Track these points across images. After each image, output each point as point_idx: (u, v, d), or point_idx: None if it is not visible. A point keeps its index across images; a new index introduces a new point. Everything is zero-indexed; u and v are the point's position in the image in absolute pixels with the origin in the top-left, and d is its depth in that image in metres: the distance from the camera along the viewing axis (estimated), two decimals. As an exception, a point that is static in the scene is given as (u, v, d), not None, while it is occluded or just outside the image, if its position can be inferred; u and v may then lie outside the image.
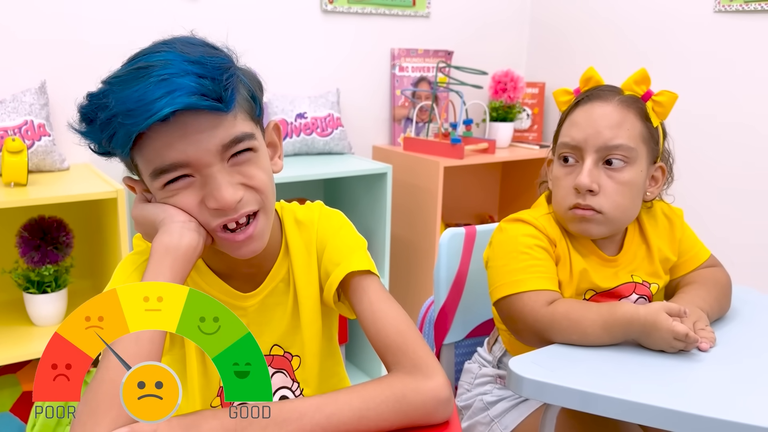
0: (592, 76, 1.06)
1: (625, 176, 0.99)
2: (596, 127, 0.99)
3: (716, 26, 1.93)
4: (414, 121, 2.29)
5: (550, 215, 1.07)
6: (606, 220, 1.00)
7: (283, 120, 1.97)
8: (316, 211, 0.88)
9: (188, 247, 0.72)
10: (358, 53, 2.21)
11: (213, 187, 0.71)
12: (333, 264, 0.83)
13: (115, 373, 0.64)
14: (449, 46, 2.37)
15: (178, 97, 0.65)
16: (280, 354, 0.87)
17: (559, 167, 1.04)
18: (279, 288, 0.86)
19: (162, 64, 0.67)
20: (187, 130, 0.68)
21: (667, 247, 1.10)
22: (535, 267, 1.00)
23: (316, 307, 0.87)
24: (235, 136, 0.72)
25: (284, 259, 0.86)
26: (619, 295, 1.06)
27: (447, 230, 1.22)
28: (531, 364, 0.87)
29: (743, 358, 0.90)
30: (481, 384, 1.14)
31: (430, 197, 2.08)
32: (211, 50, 0.73)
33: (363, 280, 0.81)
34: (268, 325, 0.86)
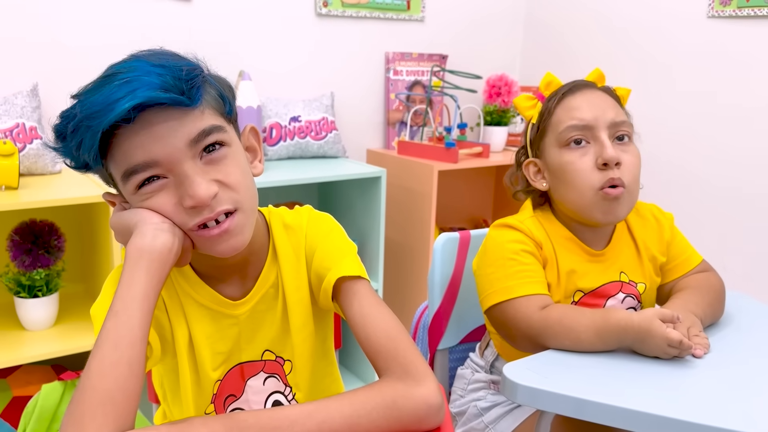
0: (552, 80, 1.08)
1: (634, 150, 1.03)
2: (600, 106, 1.02)
3: (710, 31, 1.94)
4: (408, 124, 2.28)
5: (534, 218, 1.07)
6: (629, 195, 1.01)
7: (277, 123, 1.97)
8: (304, 216, 0.88)
9: (162, 248, 0.71)
10: (352, 57, 2.21)
11: (186, 185, 0.70)
12: (324, 268, 0.83)
13: (97, 380, 0.63)
14: (444, 50, 2.37)
15: (138, 93, 0.66)
16: (272, 359, 0.87)
17: (568, 153, 1.02)
18: (269, 294, 0.86)
19: (127, 69, 0.68)
20: (152, 128, 0.68)
21: (654, 246, 1.10)
22: (524, 272, 0.99)
23: (307, 311, 0.86)
24: (203, 129, 0.71)
25: (273, 264, 0.86)
26: (606, 294, 1.05)
27: (441, 235, 1.22)
28: (525, 370, 0.87)
29: (737, 365, 0.90)
30: (475, 390, 1.14)
31: (424, 201, 2.07)
32: (177, 57, 0.73)
33: (353, 285, 0.81)
34: (260, 331, 0.86)
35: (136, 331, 0.67)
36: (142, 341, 0.68)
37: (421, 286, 2.14)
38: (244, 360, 0.86)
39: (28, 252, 1.50)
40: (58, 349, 1.47)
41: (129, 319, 0.67)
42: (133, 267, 0.70)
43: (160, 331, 0.81)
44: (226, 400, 0.86)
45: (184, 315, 0.83)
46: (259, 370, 0.87)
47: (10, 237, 1.51)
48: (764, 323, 1.05)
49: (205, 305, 0.83)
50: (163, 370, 0.88)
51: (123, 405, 0.63)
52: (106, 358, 0.65)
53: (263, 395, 0.87)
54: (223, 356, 0.85)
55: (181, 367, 0.83)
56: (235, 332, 0.85)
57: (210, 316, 0.83)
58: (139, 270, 0.70)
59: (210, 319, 0.83)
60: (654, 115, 2.11)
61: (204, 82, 0.72)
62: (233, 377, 0.86)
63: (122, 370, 0.65)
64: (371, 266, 2.03)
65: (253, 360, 0.86)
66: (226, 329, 0.84)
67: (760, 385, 0.85)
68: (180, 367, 0.83)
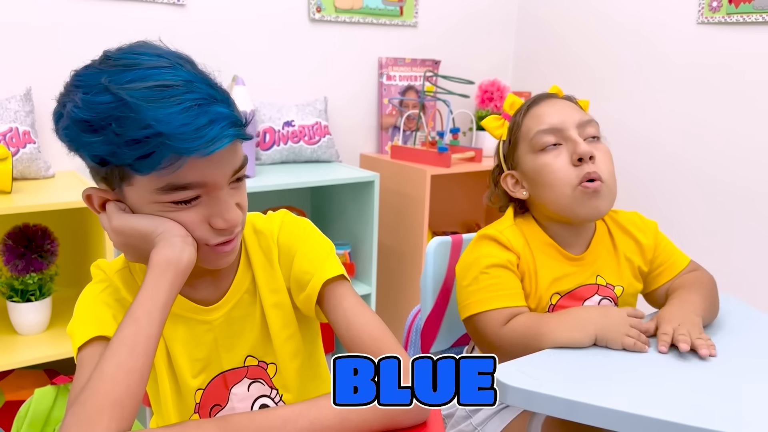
0: (515, 101, 1.14)
1: (605, 148, 1.07)
2: (566, 110, 1.07)
3: (699, 37, 1.96)
4: (401, 129, 2.30)
5: (514, 226, 1.10)
6: (608, 189, 1.04)
7: (270, 128, 1.98)
8: (276, 222, 0.88)
9: (189, 262, 0.73)
10: (345, 62, 2.22)
11: (222, 209, 0.73)
12: (305, 273, 0.83)
13: (111, 384, 0.64)
14: (436, 56, 2.39)
15: (225, 129, 0.68)
16: (254, 364, 0.88)
17: (542, 156, 1.05)
18: (244, 299, 0.86)
19: (185, 85, 0.67)
20: (215, 157, 0.70)
21: (634, 253, 1.12)
22: (494, 286, 1.03)
23: (286, 314, 0.87)
24: (242, 162, 0.75)
25: (246, 269, 0.87)
26: (582, 296, 1.08)
27: (434, 239, 1.23)
28: (516, 372, 0.88)
29: (727, 367, 0.91)
30: (466, 392, 1.15)
31: (417, 205, 2.08)
32: (202, 71, 0.73)
33: (336, 287, 0.82)
34: (240, 338, 0.87)
35: (152, 340, 0.69)
36: (154, 350, 0.69)
37: (414, 289, 2.15)
38: (226, 368, 0.87)
39: (21, 256, 1.50)
40: (51, 354, 1.47)
41: (149, 328, 0.69)
42: (160, 276, 0.71)
43: None
44: (212, 410, 0.87)
45: None
46: (243, 376, 0.87)
47: (3, 241, 1.51)
48: (753, 326, 1.06)
49: (177, 313, 0.84)
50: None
51: (129, 409, 0.65)
52: (123, 363, 0.66)
53: (249, 401, 0.88)
54: (201, 363, 0.86)
55: (160, 377, 0.84)
56: (211, 338, 0.85)
57: (183, 323, 0.84)
58: (165, 280, 0.71)
59: (184, 327, 0.84)
60: (644, 119, 2.13)
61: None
62: (216, 386, 0.87)
63: (135, 377, 0.66)
64: (364, 270, 2.04)
65: (236, 367, 0.87)
66: (201, 336, 0.85)
67: (752, 389, 0.86)
68: (159, 377, 0.84)
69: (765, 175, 1.84)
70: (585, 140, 1.04)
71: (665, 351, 0.91)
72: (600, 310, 0.95)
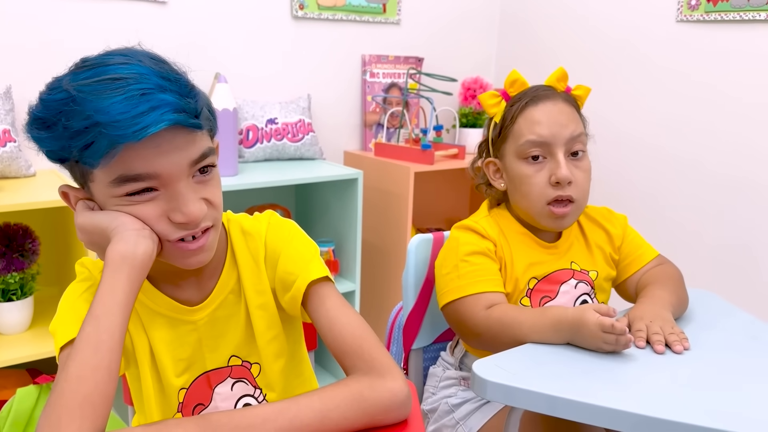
0: (517, 79, 1.13)
1: (586, 164, 1.10)
2: (560, 121, 1.07)
3: (679, 34, 1.98)
4: (385, 126, 2.30)
5: (489, 217, 1.14)
6: (577, 208, 1.09)
7: (253, 125, 1.98)
8: (264, 222, 0.89)
9: (144, 255, 0.72)
10: (329, 59, 2.22)
11: (181, 203, 0.72)
12: (289, 274, 0.84)
13: (76, 384, 0.64)
14: (420, 53, 2.39)
15: (165, 114, 0.67)
16: (238, 364, 0.88)
17: (525, 166, 1.09)
18: (229, 300, 0.87)
19: (136, 77, 0.68)
20: (163, 146, 0.69)
21: (603, 240, 1.17)
22: (474, 272, 1.06)
23: (270, 315, 0.87)
24: (203, 152, 0.73)
25: (231, 270, 0.87)
26: (559, 280, 1.11)
27: (415, 236, 1.24)
28: (494, 367, 0.89)
29: (706, 362, 0.92)
30: (446, 387, 1.16)
31: (401, 202, 2.09)
32: (172, 67, 0.73)
33: (320, 288, 0.83)
34: (224, 338, 0.87)
35: (116, 336, 0.68)
36: (120, 346, 0.69)
37: (398, 286, 2.15)
38: (210, 368, 0.87)
39: (2, 255, 1.49)
40: (33, 353, 1.47)
41: (110, 324, 0.68)
42: (116, 272, 0.71)
43: None
44: (195, 410, 0.87)
45: (142, 324, 0.84)
46: (226, 376, 0.88)
47: (-16, 240, 1.50)
48: (729, 321, 1.08)
49: (161, 313, 0.84)
50: (130, 379, 0.88)
51: (100, 407, 0.65)
52: (87, 362, 0.66)
53: (232, 401, 0.88)
54: (185, 363, 0.86)
55: (143, 376, 0.84)
56: (195, 338, 0.86)
57: (167, 323, 0.84)
58: (121, 275, 0.70)
59: (168, 327, 0.84)
60: (625, 116, 2.15)
61: (202, 101, 0.74)
62: (200, 386, 0.87)
63: (102, 375, 0.66)
64: (348, 267, 2.04)
65: (219, 367, 0.87)
66: (185, 336, 0.85)
67: (730, 382, 0.88)
68: (142, 376, 0.84)
69: (744, 170, 1.87)
70: (571, 154, 1.07)
71: (643, 346, 0.93)
72: (574, 320, 0.92)
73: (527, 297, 1.10)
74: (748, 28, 1.82)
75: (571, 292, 1.12)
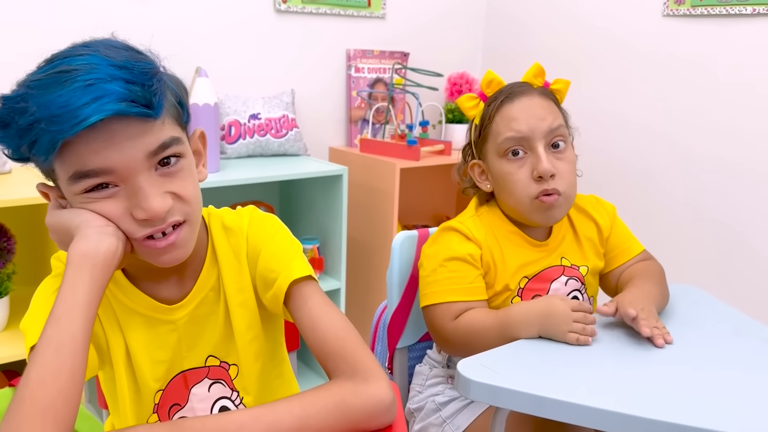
0: (493, 79, 1.12)
1: (569, 156, 1.08)
2: (537, 115, 1.05)
3: (665, 29, 1.97)
4: (370, 122, 2.28)
5: (476, 217, 1.12)
6: (565, 200, 1.07)
7: (236, 121, 1.94)
8: (245, 217, 0.86)
9: (107, 253, 0.69)
10: (312, 54, 2.19)
11: (141, 198, 0.68)
12: (271, 271, 0.81)
13: (38, 390, 0.61)
14: (405, 48, 2.37)
15: (106, 104, 0.63)
16: (216, 364, 0.85)
17: (507, 164, 1.07)
18: (209, 297, 0.84)
19: (86, 68, 0.64)
20: (114, 138, 0.66)
21: (593, 231, 1.16)
22: (449, 280, 1.05)
23: (251, 314, 0.85)
24: (163, 141, 0.69)
25: (212, 267, 0.84)
26: (549, 278, 1.10)
27: (400, 233, 1.21)
28: (479, 366, 0.87)
29: (694, 360, 0.91)
30: (433, 385, 1.14)
31: (386, 199, 2.07)
32: (135, 54, 0.70)
33: (303, 287, 0.80)
34: (202, 337, 0.84)
35: (79, 338, 0.65)
36: (84, 348, 0.66)
37: (384, 284, 2.13)
38: (187, 368, 0.84)
39: (-24, 255, 1.46)
40: (9, 354, 1.43)
41: (71, 326, 0.65)
42: (76, 272, 0.67)
43: (95, 341, 0.79)
44: (171, 410, 0.84)
45: (118, 323, 0.81)
46: (203, 376, 0.85)
47: (-43, 239, 1.46)
48: (714, 316, 1.07)
49: (139, 312, 0.81)
50: (104, 379, 0.85)
51: (64, 413, 0.62)
52: (48, 366, 0.63)
53: (209, 402, 0.85)
54: (164, 365, 0.83)
55: (118, 377, 0.81)
56: (175, 339, 0.83)
57: (146, 323, 0.81)
58: (83, 275, 0.67)
59: (146, 327, 0.81)
60: (609, 110, 2.14)
61: (165, 87, 0.70)
62: (176, 386, 0.84)
63: (64, 379, 0.63)
64: (334, 265, 2.02)
65: (197, 367, 0.85)
66: (164, 336, 0.82)
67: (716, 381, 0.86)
68: (117, 378, 0.81)
69: (731, 160, 1.87)
70: (551, 147, 1.05)
71: (648, 333, 0.92)
72: (545, 304, 0.95)
73: (518, 296, 1.08)
74: (735, 22, 1.81)
75: (562, 290, 1.11)
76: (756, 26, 1.77)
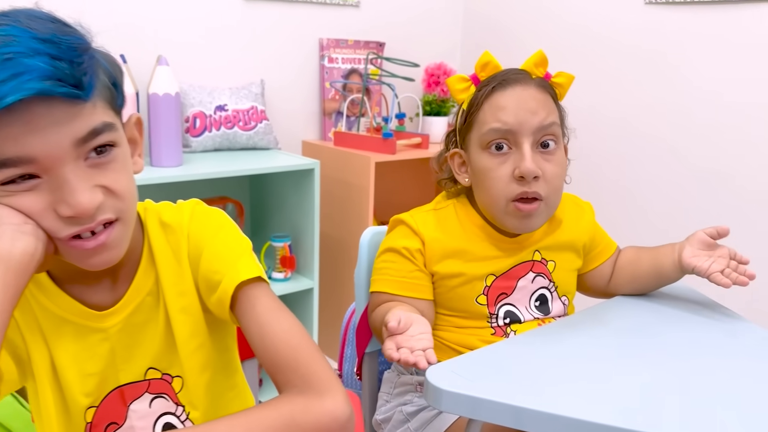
0: (490, 61, 1.01)
1: (559, 158, 0.98)
2: (528, 107, 0.95)
3: (648, 17, 1.91)
4: (345, 115, 2.19)
5: (432, 212, 1.05)
6: (546, 207, 0.97)
7: (201, 112, 1.84)
8: (186, 212, 0.76)
9: (23, 254, 0.60)
10: (283, 43, 2.09)
11: (66, 192, 0.59)
12: (215, 273, 0.72)
13: None
14: (381, 38, 2.28)
15: (27, 82, 0.54)
16: (157, 377, 0.76)
17: (488, 158, 0.97)
18: (147, 303, 0.74)
19: (5, 40, 0.55)
20: (35, 121, 0.57)
21: (573, 225, 1.08)
22: (382, 270, 1.02)
23: (195, 320, 0.76)
24: (94, 127, 0.60)
25: (149, 269, 0.75)
26: (517, 275, 1.03)
27: (368, 228, 1.13)
28: (450, 373, 0.79)
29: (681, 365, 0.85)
30: (401, 393, 1.06)
31: (362, 194, 1.99)
32: (62, 27, 0.61)
33: (250, 290, 0.71)
34: (140, 347, 0.75)
35: None
36: None
37: (360, 282, 2.05)
38: (124, 382, 0.75)
39: None
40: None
41: None
42: None
43: (13, 352, 0.70)
44: (107, 429, 0.75)
45: (41, 332, 0.71)
46: (143, 391, 0.76)
47: None
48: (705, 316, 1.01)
49: (66, 319, 0.71)
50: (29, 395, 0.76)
51: None
52: None
53: (150, 419, 0.76)
54: (95, 378, 0.74)
55: (42, 393, 0.72)
56: (107, 349, 0.74)
57: (73, 331, 0.72)
58: None
59: (73, 335, 0.72)
60: (592, 102, 2.07)
61: (97, 66, 0.62)
62: (112, 402, 0.75)
63: None
64: (306, 264, 1.93)
65: (135, 381, 0.75)
66: (94, 346, 0.73)
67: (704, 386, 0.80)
68: (41, 394, 0.72)
69: (714, 152, 1.81)
70: (540, 145, 0.96)
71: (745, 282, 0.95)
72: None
73: (484, 295, 1.00)
74: (718, 9, 1.75)
75: (528, 287, 1.03)
76: (742, 13, 1.71)
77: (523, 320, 1.02)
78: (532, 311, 1.03)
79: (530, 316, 1.03)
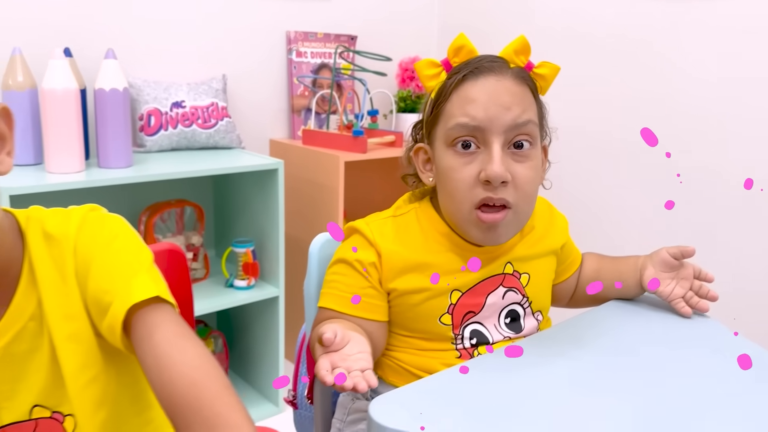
0: (464, 45, 0.88)
1: (534, 161, 0.85)
2: (501, 101, 0.82)
3: (630, 9, 1.82)
4: (314, 111, 2.08)
5: (391, 219, 0.93)
6: (515, 218, 0.85)
7: (156, 109, 1.72)
8: (74, 221, 0.65)
9: None
10: (247, 35, 1.97)
11: None
12: (105, 293, 0.61)
13: None
14: (352, 31, 2.17)
15: None
16: (46, 416, 0.65)
17: (453, 156, 0.84)
18: (29, 329, 0.63)
19: None
20: None
21: (547, 231, 0.96)
22: (330, 283, 0.91)
23: (85, 348, 0.64)
24: None
25: (30, 289, 0.63)
26: (485, 291, 0.90)
27: (319, 235, 1.02)
28: (398, 408, 0.68)
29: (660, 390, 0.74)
30: (354, 421, 0.94)
31: (331, 195, 1.88)
32: None
33: (147, 313, 0.60)
34: (23, 382, 0.63)
35: None
36: None
37: (330, 289, 1.94)
38: (7, 422, 0.64)
39: None
40: None
41: None
42: None
43: None
44: None
45: None
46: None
47: None
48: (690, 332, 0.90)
49: None
50: None
51: None
52: None
53: None
54: None
55: None
56: None
57: None
58: None
59: None
60: (576, 98, 1.97)
61: None
62: None
63: None
64: (270, 270, 1.82)
65: (20, 421, 0.64)
66: None
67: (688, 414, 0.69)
68: None
69: (699, 146, 1.72)
70: (512, 146, 0.83)
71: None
72: None
73: (448, 314, 0.88)
74: None
75: (498, 303, 0.91)
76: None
77: (492, 341, 0.90)
78: (502, 330, 0.91)
79: (500, 336, 0.91)
